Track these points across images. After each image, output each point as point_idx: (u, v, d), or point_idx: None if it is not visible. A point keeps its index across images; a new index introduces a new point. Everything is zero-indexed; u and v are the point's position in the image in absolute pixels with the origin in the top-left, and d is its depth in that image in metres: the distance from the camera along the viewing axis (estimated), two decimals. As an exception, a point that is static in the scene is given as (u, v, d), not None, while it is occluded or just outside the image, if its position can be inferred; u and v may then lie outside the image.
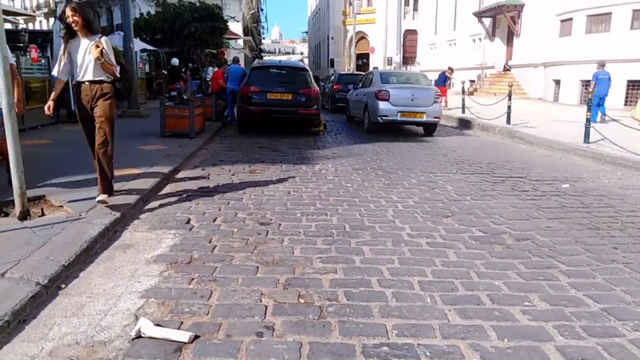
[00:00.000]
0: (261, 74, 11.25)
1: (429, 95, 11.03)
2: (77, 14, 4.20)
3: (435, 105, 11.04)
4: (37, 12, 51.28)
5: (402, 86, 11.42)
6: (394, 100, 10.78)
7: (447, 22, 32.42)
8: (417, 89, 11.29)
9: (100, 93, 4.36)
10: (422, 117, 10.86)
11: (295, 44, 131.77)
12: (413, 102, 10.84)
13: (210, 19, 25.47)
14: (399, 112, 10.74)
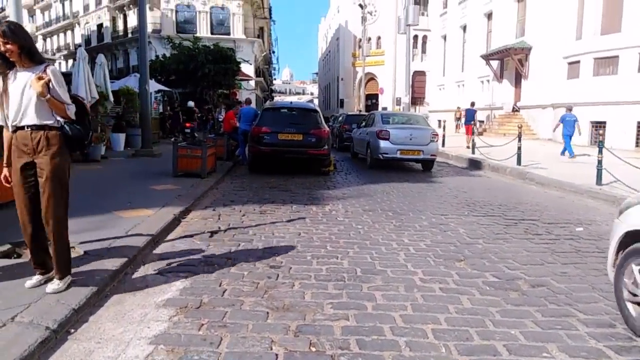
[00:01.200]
0: (272, 115, 11.47)
1: (426, 135, 11.90)
2: (9, 40, 3.08)
3: (432, 144, 11.89)
4: (57, 55, 53.16)
5: (401, 126, 12.41)
6: (393, 139, 11.69)
7: (455, 64, 32.99)
8: (415, 129, 12.23)
9: (44, 143, 3.19)
10: (419, 154, 11.81)
11: (305, 84, 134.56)
12: (411, 141, 11.77)
13: (223, 61, 26.22)
14: (399, 150, 11.65)
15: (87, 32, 48.38)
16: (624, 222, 3.33)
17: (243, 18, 40.87)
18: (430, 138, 11.89)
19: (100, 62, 12.29)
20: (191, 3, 40.09)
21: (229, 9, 40.50)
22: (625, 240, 3.26)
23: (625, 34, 17.17)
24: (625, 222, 3.31)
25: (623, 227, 3.30)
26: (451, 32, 33.62)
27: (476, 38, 29.19)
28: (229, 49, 32.38)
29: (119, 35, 44.22)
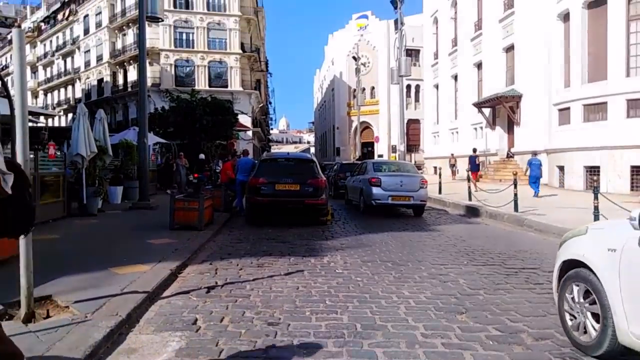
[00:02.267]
0: (269, 166, 11.59)
1: (415, 182, 12.61)
2: None
3: (421, 190, 12.53)
4: (57, 109, 54.12)
5: (392, 174, 13.16)
6: (385, 186, 12.39)
7: (448, 112, 33.72)
8: (405, 176, 12.95)
9: None
10: (409, 200, 12.45)
11: (302, 133, 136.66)
12: (402, 187, 12.45)
13: (221, 113, 26.72)
14: (390, 196, 12.32)
15: (88, 87, 49.53)
16: (563, 253, 3.93)
17: (240, 71, 42.06)
18: (419, 185, 12.55)
19: (99, 117, 12.51)
20: (190, 58, 41.37)
21: (227, 63, 41.75)
22: (564, 267, 3.86)
23: (611, 82, 17.68)
24: (564, 253, 3.92)
25: (562, 257, 3.91)
26: (443, 81, 34.59)
27: (467, 87, 30.01)
28: (227, 101, 33.15)
29: (119, 90, 45.26)
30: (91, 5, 48.11)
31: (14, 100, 4.45)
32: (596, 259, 3.41)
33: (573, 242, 3.85)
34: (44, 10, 63.50)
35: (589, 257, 3.49)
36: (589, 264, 3.46)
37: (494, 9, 26.39)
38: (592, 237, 3.66)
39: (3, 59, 69.42)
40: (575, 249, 3.73)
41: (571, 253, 3.77)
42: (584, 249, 3.62)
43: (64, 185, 10.44)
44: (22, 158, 4.04)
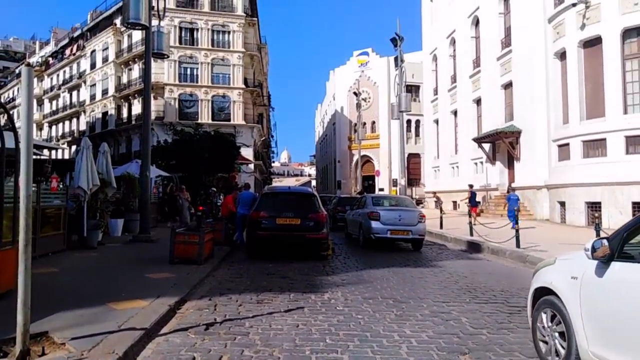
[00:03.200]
0: (271, 200, 11.62)
1: (414, 216, 12.80)
2: None
3: (420, 224, 12.70)
4: (61, 141, 54.65)
5: (391, 208, 13.44)
6: (384, 220, 12.56)
7: (448, 146, 33.98)
8: (403, 210, 13.16)
9: None
10: (408, 234, 12.61)
11: (303, 166, 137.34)
12: (400, 221, 12.61)
13: (223, 146, 26.98)
14: (389, 230, 12.46)
15: (92, 120, 50.20)
16: (535, 281, 4.33)
17: (243, 105, 42.72)
18: (418, 219, 12.75)
19: (103, 150, 12.63)
20: (194, 92, 42.09)
21: (230, 97, 42.45)
22: (537, 295, 4.21)
23: (610, 119, 17.90)
24: (536, 281, 4.30)
25: (534, 285, 4.29)
26: (443, 116, 35.01)
27: (467, 122, 30.34)
28: (229, 134, 33.54)
29: (123, 123, 45.85)
30: (98, 41, 49.34)
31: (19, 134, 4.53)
32: (561, 286, 3.79)
33: (544, 271, 4.27)
34: (53, 45, 65.13)
35: (556, 285, 3.87)
36: (556, 290, 3.83)
37: (491, 48, 26.99)
38: (558, 267, 4.07)
39: (11, 91, 70.68)
40: (545, 278, 4.12)
41: (541, 281, 4.15)
42: (551, 277, 4.01)
43: (65, 218, 10.43)
44: (24, 193, 4.07)
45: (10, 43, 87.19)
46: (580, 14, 18.88)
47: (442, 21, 35.31)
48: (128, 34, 44.69)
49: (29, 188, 4.15)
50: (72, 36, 58.03)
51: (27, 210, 4.05)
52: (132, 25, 13.00)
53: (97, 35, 49.97)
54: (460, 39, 31.74)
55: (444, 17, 35.13)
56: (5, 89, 72.63)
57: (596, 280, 3.41)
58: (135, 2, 12.37)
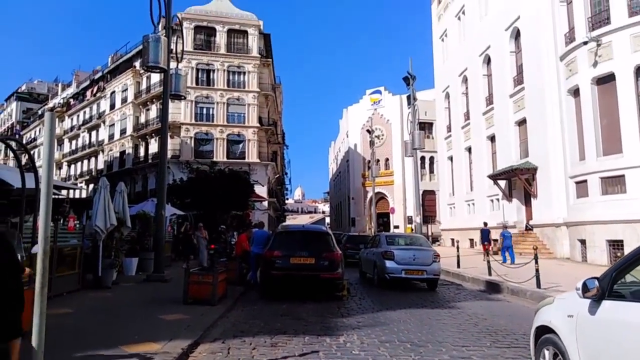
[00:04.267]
0: (284, 239, 11.53)
1: (428, 256, 12.70)
2: None
3: (434, 264, 12.58)
4: (79, 180, 55.64)
5: (405, 247, 13.33)
6: (398, 259, 12.50)
7: (463, 183, 33.78)
8: (417, 250, 13.06)
9: None
10: (423, 274, 12.51)
11: (317, 203, 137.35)
12: (415, 261, 12.53)
13: (238, 184, 27.17)
14: (403, 269, 12.41)
15: (110, 159, 51.21)
16: (536, 320, 4.45)
17: (258, 144, 43.29)
18: (432, 258, 12.64)
19: (120, 189, 12.79)
20: (209, 131, 42.87)
21: (245, 135, 43.11)
22: (538, 333, 4.33)
23: (627, 155, 17.68)
24: (536, 320, 4.43)
25: (535, 324, 4.42)
26: (457, 153, 34.98)
27: (482, 159, 30.25)
28: (244, 172, 33.83)
29: (140, 161, 46.65)
30: (118, 82, 50.96)
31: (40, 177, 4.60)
32: (559, 324, 3.93)
33: (544, 310, 4.42)
34: (74, 87, 67.37)
35: (555, 323, 4.01)
36: (555, 329, 3.97)
37: (504, 85, 27.20)
38: (556, 306, 4.21)
39: (33, 132, 72.78)
40: (545, 316, 4.27)
41: (542, 320, 4.30)
42: (550, 316, 4.15)
43: (81, 257, 10.47)
44: (42, 235, 4.10)
45: (34, 85, 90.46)
46: (592, 52, 19.01)
47: (454, 60, 35.84)
48: (147, 76, 46.09)
49: (47, 230, 4.19)
50: (93, 78, 60.06)
51: (44, 252, 4.07)
52: (151, 68, 13.42)
53: (117, 77, 51.64)
54: (472, 76, 32.10)
55: (455, 55, 35.69)
56: (28, 130, 74.86)
57: (589, 319, 3.55)
58: (154, 46, 12.82)
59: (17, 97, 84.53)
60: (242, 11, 46.21)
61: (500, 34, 27.58)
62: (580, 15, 19.92)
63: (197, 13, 44.32)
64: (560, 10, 22.01)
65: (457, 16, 35.45)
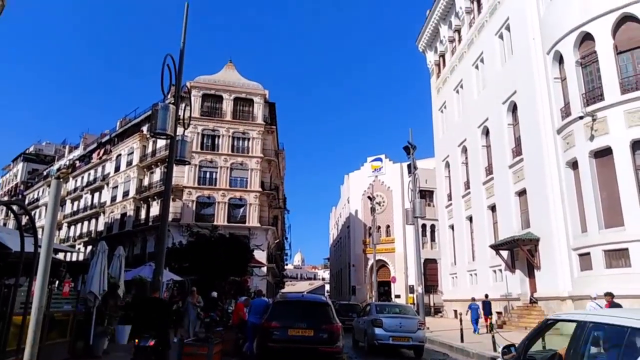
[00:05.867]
0: (283, 309, 11.24)
1: (414, 324, 14.11)
2: None
3: (419, 331, 13.95)
4: (78, 241, 55.20)
5: (393, 315, 14.51)
6: (386, 326, 13.70)
7: (465, 253, 33.40)
8: (404, 318, 14.36)
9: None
10: (409, 340, 13.70)
11: (317, 269, 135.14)
12: (401, 328, 13.75)
13: (237, 249, 26.90)
14: (391, 336, 13.54)
15: (111, 220, 51.13)
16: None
17: (259, 208, 43.41)
18: (417, 326, 14.04)
19: (118, 254, 12.69)
20: (212, 195, 43.12)
21: (247, 200, 43.33)
22: None
23: (629, 228, 17.62)
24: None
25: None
26: (458, 222, 34.89)
27: (483, 228, 30.12)
28: (244, 237, 33.65)
29: (141, 224, 46.53)
30: (125, 146, 52.03)
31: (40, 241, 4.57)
32: None
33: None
34: (81, 149, 68.71)
35: None
36: None
37: (502, 156, 27.67)
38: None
39: (36, 192, 73.26)
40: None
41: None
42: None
43: (73, 324, 10.19)
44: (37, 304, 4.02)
45: (42, 147, 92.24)
46: (588, 126, 19.52)
47: (453, 130, 36.75)
48: (153, 140, 47.13)
49: (42, 299, 4.12)
50: (100, 141, 61.40)
51: (37, 323, 3.98)
52: (159, 134, 13.76)
53: (124, 141, 52.79)
54: (472, 147, 32.74)
55: (454, 126, 36.64)
56: (31, 190, 75.41)
57: None
58: (163, 114, 13.20)
59: (24, 158, 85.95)
60: (249, 81, 48.11)
61: (498, 107, 28.47)
62: (575, 92, 20.66)
63: (206, 82, 46.13)
64: (555, 86, 22.86)
65: (456, 89, 36.79)
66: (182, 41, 15.37)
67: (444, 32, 38.93)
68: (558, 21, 22.26)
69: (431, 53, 42.53)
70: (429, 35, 41.58)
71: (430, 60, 42.91)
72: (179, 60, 14.86)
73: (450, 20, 37.55)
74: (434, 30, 40.72)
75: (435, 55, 41.65)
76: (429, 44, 42.38)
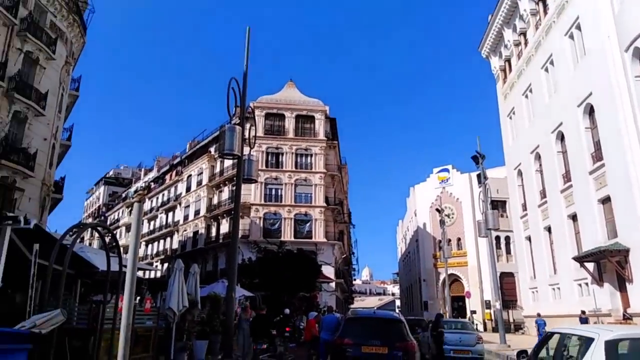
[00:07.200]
0: (355, 325, 11.02)
1: (472, 338, 15.42)
2: None
3: (478, 345, 15.25)
4: (155, 259, 58.14)
5: (453, 331, 15.94)
6: (447, 341, 14.60)
7: (545, 265, 31.40)
8: (463, 333, 15.81)
9: None
10: (469, 354, 15.00)
11: (386, 284, 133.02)
12: (461, 342, 15.18)
13: (305, 265, 27.06)
14: (452, 349, 14.80)
15: (184, 239, 53.45)
16: None
17: (324, 223, 43.56)
18: (475, 341, 15.33)
19: (193, 271, 13.12)
20: (278, 211, 43.92)
21: (312, 215, 43.68)
22: None
23: None
24: None
25: None
26: (535, 233, 32.96)
27: (563, 239, 28.20)
28: (311, 252, 33.82)
29: (211, 241, 48.23)
30: (195, 166, 54.45)
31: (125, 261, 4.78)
32: None
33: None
34: (155, 172, 72.74)
35: None
36: None
37: (581, 162, 25.88)
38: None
39: (116, 213, 78.30)
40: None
41: None
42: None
43: (155, 339, 10.60)
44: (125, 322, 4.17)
45: (120, 171, 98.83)
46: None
47: (524, 137, 35.01)
48: (220, 160, 48.94)
49: (130, 317, 4.27)
50: (172, 163, 64.69)
51: (126, 340, 4.12)
52: (226, 155, 14.25)
53: (194, 162, 55.27)
54: (546, 153, 30.97)
55: (525, 133, 34.90)
56: (112, 211, 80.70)
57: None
58: (230, 135, 13.68)
59: (104, 182, 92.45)
60: (309, 98, 48.88)
61: (573, 111, 26.77)
62: (662, 88, 18.99)
63: (268, 102, 47.42)
64: (636, 85, 21.18)
65: (525, 94, 35.12)
66: (245, 64, 15.88)
67: (508, 36, 37.47)
68: (637, 15, 20.69)
69: (495, 58, 41.05)
70: (493, 40, 40.19)
71: (495, 65, 41.40)
72: (242, 82, 15.37)
73: (515, 23, 36.08)
74: (497, 35, 39.32)
75: (500, 60, 40.13)
76: (493, 49, 40.95)
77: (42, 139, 25.80)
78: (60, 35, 27.56)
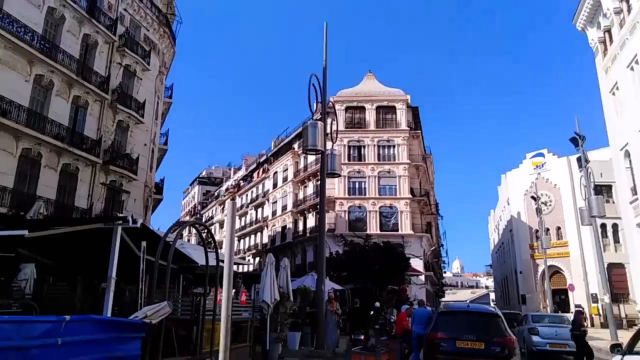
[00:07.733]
0: (449, 319, 10.71)
1: (568, 332, 14.95)
2: None
3: None
4: (247, 254, 60.85)
5: (548, 324, 16.44)
6: (542, 334, 15.64)
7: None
8: (559, 327, 15.99)
9: None
10: (566, 347, 15.13)
11: (478, 277, 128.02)
12: (557, 336, 15.46)
13: (393, 258, 26.76)
14: (548, 343, 15.41)
15: (273, 233, 55.35)
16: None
17: (410, 215, 42.75)
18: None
19: (284, 265, 13.52)
20: (362, 204, 43.85)
21: (397, 207, 43.06)
22: None
23: None
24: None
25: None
26: (648, 219, 29.76)
27: (684, 225, 25.18)
28: (398, 245, 33.36)
29: (299, 235, 49.41)
30: (280, 163, 56.07)
31: (222, 256, 5.02)
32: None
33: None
34: (244, 170, 76.04)
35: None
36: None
37: None
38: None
39: (210, 211, 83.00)
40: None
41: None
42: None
43: (251, 330, 11.07)
44: (225, 314, 4.37)
45: (212, 170, 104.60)
46: None
47: (631, 114, 31.63)
48: (304, 156, 49.88)
49: (229, 309, 4.47)
50: (259, 161, 67.21)
51: (226, 331, 4.32)
52: (310, 150, 14.53)
53: (279, 159, 56.93)
54: (658, 130, 27.79)
55: (632, 109, 31.51)
56: (206, 209, 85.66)
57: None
58: (312, 131, 13.93)
59: (198, 182, 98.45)
60: (390, 88, 48.09)
61: (691, 79, 23.73)
62: None
63: (348, 95, 47.38)
64: None
65: (630, 66, 31.69)
66: (324, 59, 16.00)
67: (607, 3, 33.97)
68: None
69: (593, 30, 37.47)
70: (589, 9, 36.70)
71: (592, 38, 37.81)
72: (322, 78, 15.50)
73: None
74: (594, 4, 35.87)
75: (599, 31, 36.55)
76: (590, 20, 37.41)
77: (143, 145, 28.05)
78: (153, 47, 29.71)
